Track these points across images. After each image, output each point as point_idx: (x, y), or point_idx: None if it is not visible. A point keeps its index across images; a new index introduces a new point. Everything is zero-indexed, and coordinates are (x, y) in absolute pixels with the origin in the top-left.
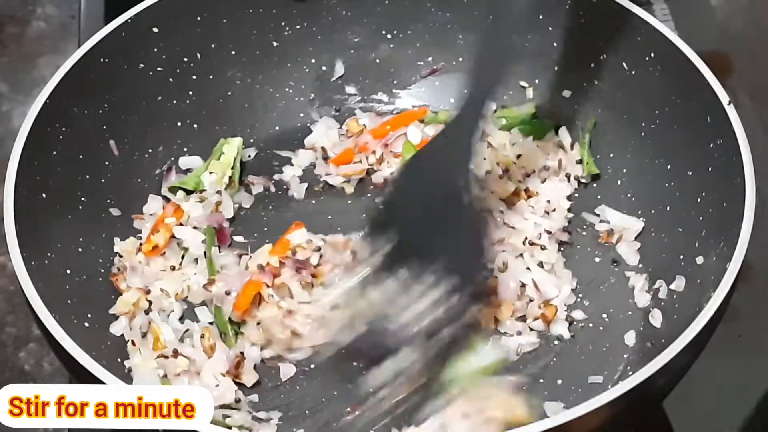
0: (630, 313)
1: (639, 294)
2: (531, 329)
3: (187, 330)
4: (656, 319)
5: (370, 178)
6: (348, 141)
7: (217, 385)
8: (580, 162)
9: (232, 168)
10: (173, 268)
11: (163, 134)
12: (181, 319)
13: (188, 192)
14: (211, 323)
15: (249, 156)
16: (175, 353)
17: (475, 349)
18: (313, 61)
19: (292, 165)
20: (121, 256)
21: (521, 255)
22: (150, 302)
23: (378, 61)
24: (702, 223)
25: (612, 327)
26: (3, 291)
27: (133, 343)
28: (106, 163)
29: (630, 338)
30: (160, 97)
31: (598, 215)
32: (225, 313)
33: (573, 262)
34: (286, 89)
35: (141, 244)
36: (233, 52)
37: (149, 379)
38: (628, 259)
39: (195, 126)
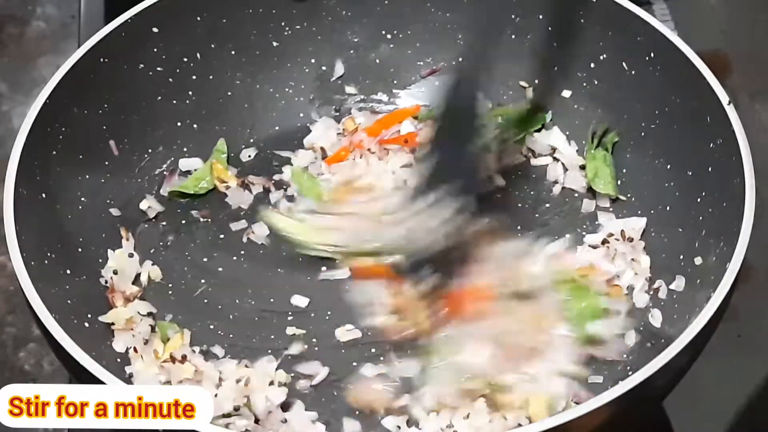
0: (630, 313)
1: (638, 294)
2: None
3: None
4: (656, 319)
5: None
6: (344, 140)
7: (216, 395)
8: (583, 168)
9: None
10: None
11: (163, 134)
12: None
13: (187, 195)
14: None
15: (249, 156)
16: (183, 358)
17: None
18: (313, 61)
19: (291, 165)
20: (115, 273)
21: None
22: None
23: (378, 61)
24: (702, 223)
25: None
26: (3, 291)
27: (135, 350)
28: (106, 163)
29: (630, 338)
30: (160, 97)
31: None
32: None
33: None
34: (286, 89)
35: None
36: (233, 52)
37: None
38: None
39: (195, 126)
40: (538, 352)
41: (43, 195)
